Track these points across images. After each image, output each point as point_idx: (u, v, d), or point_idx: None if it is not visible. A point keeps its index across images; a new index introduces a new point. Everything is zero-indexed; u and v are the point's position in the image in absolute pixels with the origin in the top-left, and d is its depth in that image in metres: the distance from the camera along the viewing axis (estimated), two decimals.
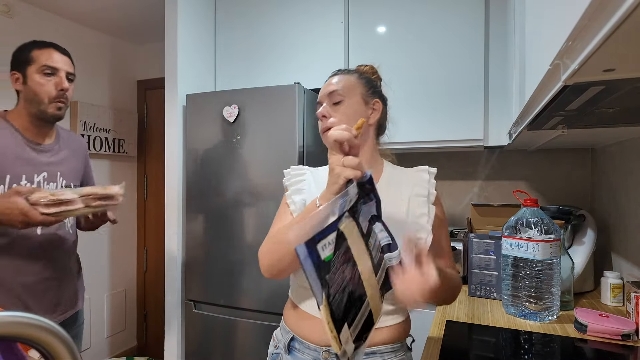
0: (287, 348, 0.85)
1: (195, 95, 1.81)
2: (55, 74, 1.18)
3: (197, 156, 1.80)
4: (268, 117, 1.65)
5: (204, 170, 1.78)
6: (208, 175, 1.77)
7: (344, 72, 0.90)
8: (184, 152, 1.87)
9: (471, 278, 1.35)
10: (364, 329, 0.63)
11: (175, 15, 1.85)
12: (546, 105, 0.69)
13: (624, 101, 0.66)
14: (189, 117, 1.82)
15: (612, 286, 1.23)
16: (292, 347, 0.84)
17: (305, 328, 0.83)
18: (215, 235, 1.75)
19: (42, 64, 1.17)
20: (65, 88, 1.20)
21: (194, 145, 1.80)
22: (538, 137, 1.23)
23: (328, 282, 0.56)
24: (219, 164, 1.75)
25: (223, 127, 1.74)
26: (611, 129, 1.06)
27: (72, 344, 0.35)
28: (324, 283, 0.56)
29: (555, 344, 0.97)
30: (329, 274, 0.57)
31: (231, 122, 1.71)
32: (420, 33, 1.70)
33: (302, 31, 1.89)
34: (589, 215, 1.44)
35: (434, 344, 0.97)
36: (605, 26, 0.37)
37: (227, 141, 1.73)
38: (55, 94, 1.18)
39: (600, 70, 0.49)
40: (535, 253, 1.09)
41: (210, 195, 1.77)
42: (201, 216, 1.79)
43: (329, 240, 0.57)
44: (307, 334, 0.82)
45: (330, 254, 0.57)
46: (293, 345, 0.84)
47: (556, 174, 1.79)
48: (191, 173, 1.81)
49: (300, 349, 0.83)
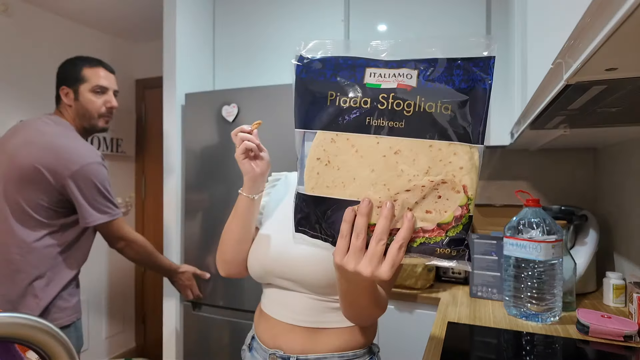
0: (249, 346, 0.86)
1: (194, 94, 1.81)
2: (105, 92, 1.31)
3: (196, 156, 1.80)
4: (268, 116, 1.65)
5: (203, 170, 1.78)
6: (207, 174, 1.77)
7: None
8: (182, 152, 1.87)
9: (473, 279, 1.35)
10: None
11: (174, 14, 1.85)
12: (548, 104, 0.69)
13: (627, 100, 0.66)
14: (187, 116, 1.82)
15: (614, 287, 1.23)
16: (252, 346, 0.85)
17: (261, 327, 0.83)
18: (214, 235, 1.75)
19: (94, 84, 1.29)
20: (115, 107, 1.35)
21: (193, 144, 1.80)
22: (540, 136, 1.23)
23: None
24: (218, 164, 1.75)
25: (222, 126, 1.73)
26: (614, 129, 1.05)
27: (69, 345, 0.35)
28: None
29: (557, 345, 0.96)
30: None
31: (230, 121, 1.71)
32: (421, 32, 1.69)
33: (303, 29, 1.89)
34: (591, 216, 1.43)
35: (435, 345, 0.97)
36: (607, 25, 0.37)
37: (226, 141, 1.73)
38: (104, 111, 1.32)
39: (603, 69, 0.49)
40: (538, 254, 1.08)
41: (209, 195, 1.77)
42: (200, 216, 1.78)
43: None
44: (261, 333, 0.82)
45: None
46: (253, 345, 0.85)
47: (558, 174, 1.78)
48: (190, 173, 1.81)
49: (256, 349, 0.83)
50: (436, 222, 0.45)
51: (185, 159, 1.83)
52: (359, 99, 0.47)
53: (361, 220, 0.46)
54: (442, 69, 0.46)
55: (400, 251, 0.45)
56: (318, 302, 0.76)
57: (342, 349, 0.76)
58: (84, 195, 1.20)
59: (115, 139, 2.63)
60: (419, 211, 0.45)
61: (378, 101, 0.46)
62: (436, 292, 1.45)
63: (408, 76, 0.46)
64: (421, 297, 1.43)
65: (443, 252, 0.45)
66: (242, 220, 0.82)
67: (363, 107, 0.46)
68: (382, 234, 0.45)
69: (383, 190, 0.46)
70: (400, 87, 0.46)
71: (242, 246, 0.84)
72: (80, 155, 1.21)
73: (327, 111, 0.48)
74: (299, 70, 0.50)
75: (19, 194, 1.17)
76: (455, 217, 0.45)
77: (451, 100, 0.45)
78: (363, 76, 0.47)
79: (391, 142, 0.46)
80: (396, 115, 0.45)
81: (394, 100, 0.46)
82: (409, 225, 0.45)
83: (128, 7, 2.29)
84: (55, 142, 1.20)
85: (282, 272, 0.77)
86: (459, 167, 0.44)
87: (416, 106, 0.45)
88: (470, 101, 0.45)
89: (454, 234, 0.45)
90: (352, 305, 0.65)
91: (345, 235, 0.47)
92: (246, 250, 0.84)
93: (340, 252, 0.48)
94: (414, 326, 1.45)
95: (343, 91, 0.47)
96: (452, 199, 0.45)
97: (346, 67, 0.48)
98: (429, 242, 0.45)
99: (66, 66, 1.31)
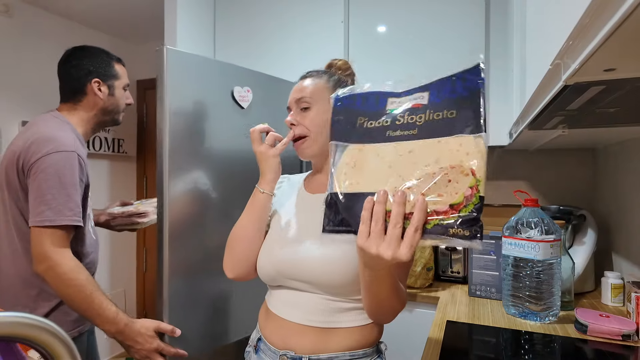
0: (255, 348, 0.85)
1: None
2: (126, 89, 1.30)
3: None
4: (269, 116, 1.65)
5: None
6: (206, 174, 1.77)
7: (314, 74, 0.86)
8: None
9: (471, 278, 1.35)
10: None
11: (175, 14, 1.85)
12: (547, 105, 0.69)
13: (625, 101, 0.66)
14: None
15: (612, 286, 1.23)
16: (259, 348, 0.84)
17: (269, 329, 0.82)
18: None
19: (125, 82, 1.27)
20: (132, 102, 1.33)
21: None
22: (539, 137, 1.23)
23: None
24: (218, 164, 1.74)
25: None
26: (612, 129, 1.06)
27: (71, 344, 0.35)
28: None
29: (555, 344, 0.97)
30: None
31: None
32: (420, 32, 1.70)
33: (302, 31, 1.89)
34: (589, 216, 1.44)
35: (434, 344, 0.97)
36: (606, 25, 0.37)
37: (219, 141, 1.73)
38: (124, 107, 1.30)
39: (601, 70, 0.49)
40: (536, 253, 1.09)
41: (212, 194, 1.77)
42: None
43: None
44: (269, 334, 0.81)
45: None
46: (259, 346, 0.84)
47: (557, 174, 1.79)
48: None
49: (264, 350, 0.82)
50: (448, 204, 0.49)
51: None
52: (382, 121, 0.58)
53: (378, 207, 0.52)
54: (446, 87, 0.55)
55: (416, 233, 0.50)
56: (331, 302, 0.76)
57: (353, 348, 0.76)
58: (36, 188, 0.97)
59: (116, 139, 2.63)
60: (431, 195, 0.50)
61: (396, 119, 0.57)
62: (435, 291, 1.46)
63: (421, 98, 0.57)
64: (420, 296, 1.44)
65: (456, 232, 0.49)
66: (259, 218, 0.83)
67: (384, 125, 0.58)
68: (397, 218, 0.50)
69: (398, 181, 0.53)
70: (414, 106, 0.56)
71: (255, 245, 0.84)
72: (55, 142, 1.00)
73: (357, 131, 0.59)
74: (336, 101, 0.64)
75: (13, 200, 1.04)
76: (465, 197, 0.49)
77: (455, 106, 0.53)
78: (386, 104, 0.59)
79: (406, 145, 0.55)
80: (410, 126, 0.55)
81: (408, 116, 0.56)
82: (421, 207, 0.49)
83: (129, 7, 2.29)
84: (34, 134, 1.03)
85: (295, 273, 0.77)
86: (465, 153, 0.50)
87: (426, 117, 0.55)
88: (469, 100, 0.52)
89: (466, 213, 0.49)
90: (376, 297, 0.67)
91: (365, 221, 0.52)
92: (257, 250, 0.84)
93: (362, 236, 0.53)
94: (413, 325, 1.46)
95: (369, 116, 0.59)
96: (462, 181, 0.50)
97: (372, 99, 0.60)
98: (442, 223, 0.49)
99: (97, 60, 1.20)
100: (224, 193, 1.45)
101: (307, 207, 0.85)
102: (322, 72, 0.87)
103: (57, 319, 1.04)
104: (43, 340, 0.33)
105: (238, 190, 1.63)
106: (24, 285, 1.05)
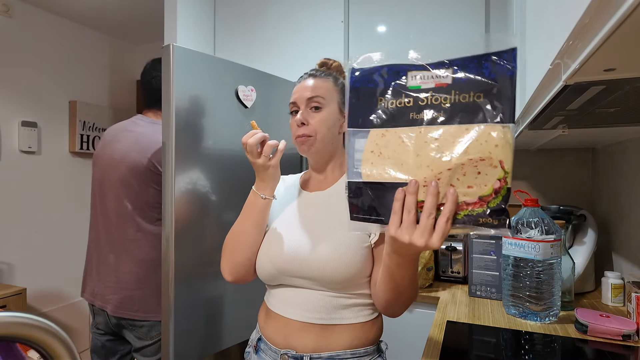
0: (255, 348, 0.85)
1: None
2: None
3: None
4: (269, 115, 1.65)
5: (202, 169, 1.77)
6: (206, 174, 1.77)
7: (320, 74, 0.85)
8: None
9: (472, 278, 1.35)
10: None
11: (175, 15, 1.85)
12: (547, 105, 0.69)
13: (625, 101, 0.66)
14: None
15: (612, 286, 1.23)
16: (259, 348, 0.84)
17: (270, 328, 0.82)
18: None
19: None
20: None
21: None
22: (539, 136, 1.23)
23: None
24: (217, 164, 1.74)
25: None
26: (612, 129, 1.06)
27: (71, 344, 0.35)
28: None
29: (555, 344, 0.97)
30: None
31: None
32: (420, 32, 1.70)
33: (302, 31, 1.89)
34: (589, 216, 1.44)
35: (434, 344, 0.97)
36: (606, 25, 0.37)
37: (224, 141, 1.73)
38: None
39: (601, 69, 0.49)
40: (536, 253, 1.09)
41: (212, 195, 1.77)
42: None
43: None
44: (270, 334, 0.81)
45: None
46: (259, 346, 0.84)
47: (557, 173, 1.79)
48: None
49: (264, 350, 0.82)
50: (477, 196, 0.50)
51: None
52: (403, 100, 0.55)
53: (410, 198, 0.53)
54: (472, 65, 0.52)
55: (447, 223, 0.51)
56: (332, 298, 0.76)
57: (354, 346, 0.76)
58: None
59: None
60: (461, 187, 0.51)
61: (419, 99, 0.54)
62: (435, 291, 1.46)
63: (444, 75, 0.53)
64: (420, 296, 1.44)
65: (486, 221, 0.50)
66: (260, 223, 0.83)
67: (407, 105, 0.55)
68: (431, 209, 0.51)
69: (427, 171, 0.52)
70: (438, 85, 0.53)
71: (255, 249, 0.84)
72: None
73: (377, 113, 0.57)
74: (352, 80, 0.59)
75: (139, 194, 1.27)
76: (494, 189, 0.50)
77: (483, 89, 0.51)
78: (406, 80, 0.56)
79: (432, 130, 0.53)
80: (435, 109, 0.53)
81: (432, 96, 0.53)
82: (453, 199, 0.50)
83: (129, 8, 2.29)
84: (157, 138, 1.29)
85: (297, 270, 0.77)
86: (494, 145, 0.49)
87: (452, 99, 0.52)
88: (499, 87, 0.50)
89: (494, 204, 0.49)
90: (398, 285, 0.67)
91: (397, 211, 0.54)
92: (257, 253, 0.84)
93: (394, 226, 0.54)
94: (413, 325, 1.46)
95: (390, 95, 0.56)
96: (491, 173, 0.50)
97: (391, 74, 0.57)
98: (472, 214, 0.51)
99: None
100: (230, 193, 1.45)
101: (308, 205, 0.85)
102: (326, 74, 0.86)
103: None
104: (43, 340, 0.33)
105: (243, 191, 1.63)
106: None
